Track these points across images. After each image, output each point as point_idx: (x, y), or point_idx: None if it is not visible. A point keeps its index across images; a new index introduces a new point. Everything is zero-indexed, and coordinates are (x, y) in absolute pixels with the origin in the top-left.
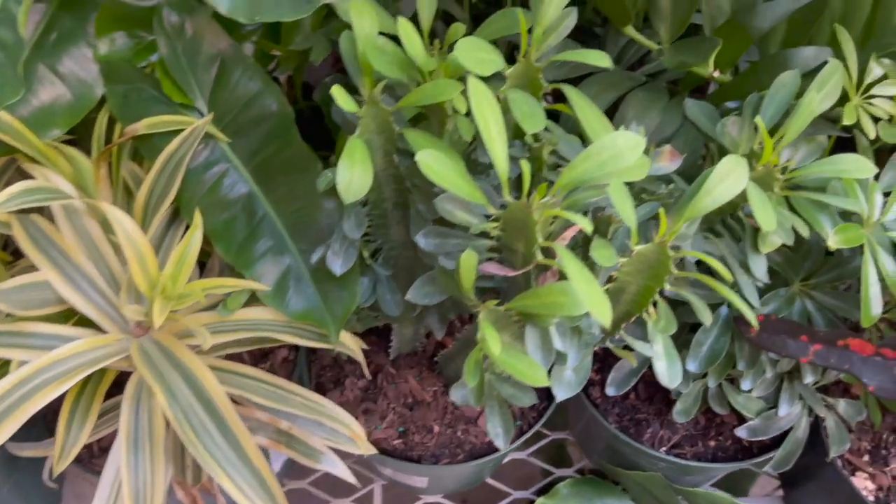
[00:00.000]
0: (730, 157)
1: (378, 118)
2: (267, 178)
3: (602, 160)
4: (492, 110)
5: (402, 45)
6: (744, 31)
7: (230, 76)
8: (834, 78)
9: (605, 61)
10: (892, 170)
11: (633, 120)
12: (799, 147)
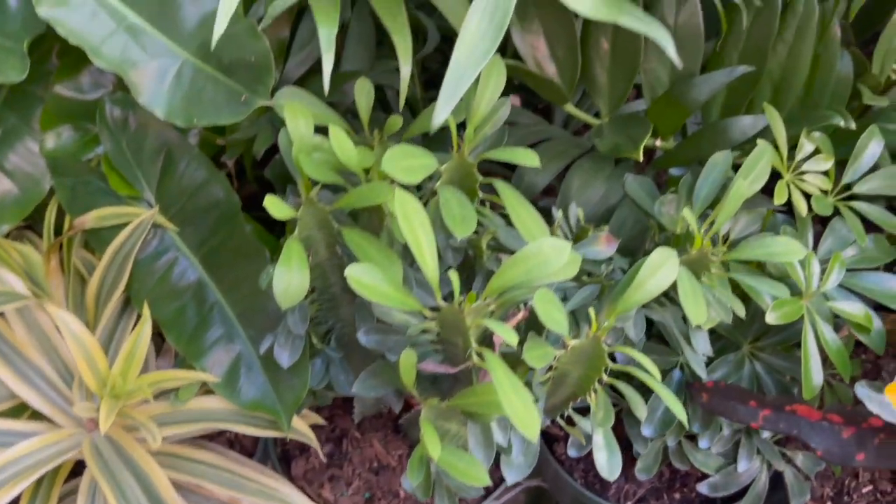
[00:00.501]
0: (660, 249)
1: (317, 216)
2: (216, 266)
3: (529, 267)
4: (420, 221)
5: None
6: (682, 104)
7: (176, 166)
8: (763, 160)
9: (533, 161)
10: (831, 235)
11: (578, 189)
12: (738, 218)
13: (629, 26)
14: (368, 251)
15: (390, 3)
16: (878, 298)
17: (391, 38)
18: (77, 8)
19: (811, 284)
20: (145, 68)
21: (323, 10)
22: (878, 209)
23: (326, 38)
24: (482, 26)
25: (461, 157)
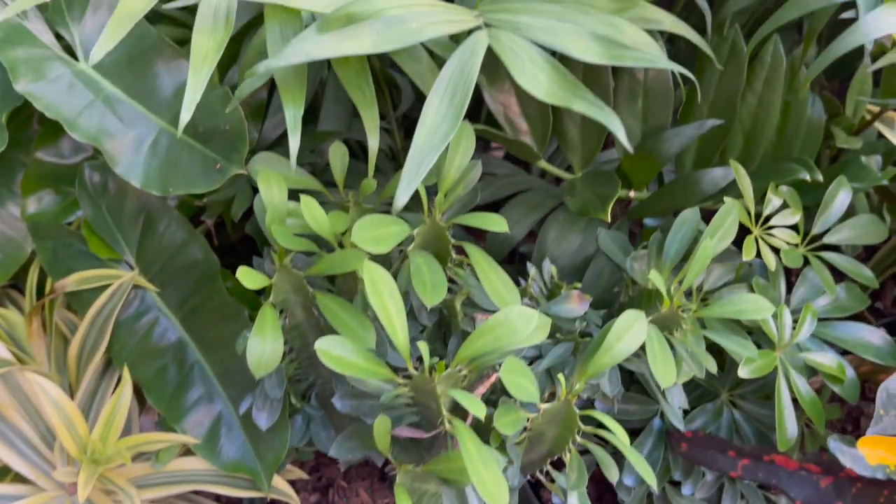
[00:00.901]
0: (628, 312)
1: (292, 280)
2: (196, 326)
3: (497, 335)
4: (389, 291)
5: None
6: (653, 157)
7: (156, 228)
8: (730, 218)
9: (502, 227)
10: (804, 284)
11: (555, 240)
12: (712, 269)
13: (582, 112)
14: (342, 317)
15: (358, 78)
16: (850, 348)
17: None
18: (54, 81)
19: (783, 336)
20: (122, 138)
21: (289, 91)
22: (848, 259)
23: (293, 118)
24: (442, 109)
25: (433, 222)
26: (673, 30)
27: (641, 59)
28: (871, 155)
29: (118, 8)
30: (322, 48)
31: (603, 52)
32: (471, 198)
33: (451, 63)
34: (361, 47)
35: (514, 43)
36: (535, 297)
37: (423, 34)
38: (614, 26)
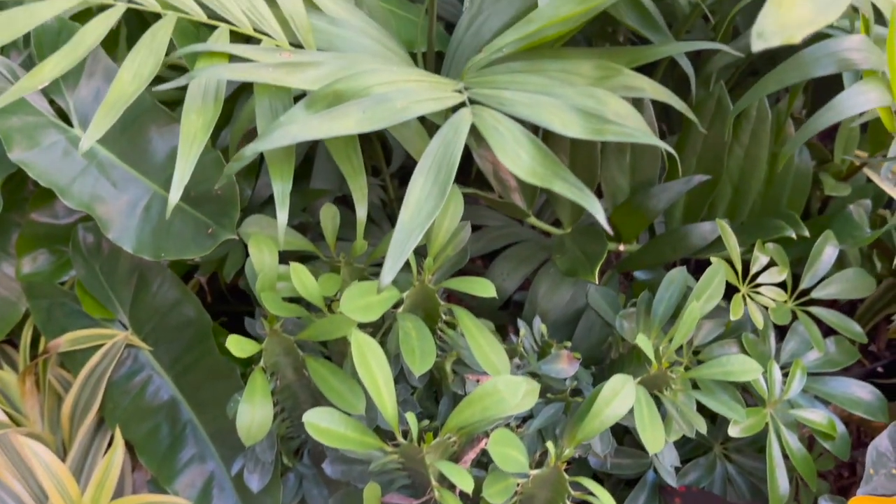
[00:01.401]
0: (617, 377)
1: (283, 344)
2: (189, 385)
3: (485, 405)
4: (377, 361)
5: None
6: (641, 212)
7: (149, 287)
8: (716, 279)
9: (489, 292)
10: (794, 338)
11: (546, 294)
12: (702, 325)
13: (562, 193)
14: (331, 382)
15: (346, 148)
16: (840, 404)
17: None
18: (49, 149)
19: (773, 393)
20: (115, 203)
21: (278, 167)
22: (836, 315)
23: (280, 193)
24: (427, 187)
25: (422, 285)
26: (655, 97)
27: (622, 134)
28: (861, 200)
29: (109, 93)
30: (309, 130)
31: (585, 127)
32: (460, 258)
33: (436, 141)
34: (347, 128)
35: (496, 121)
36: (525, 357)
37: (409, 113)
38: (597, 98)
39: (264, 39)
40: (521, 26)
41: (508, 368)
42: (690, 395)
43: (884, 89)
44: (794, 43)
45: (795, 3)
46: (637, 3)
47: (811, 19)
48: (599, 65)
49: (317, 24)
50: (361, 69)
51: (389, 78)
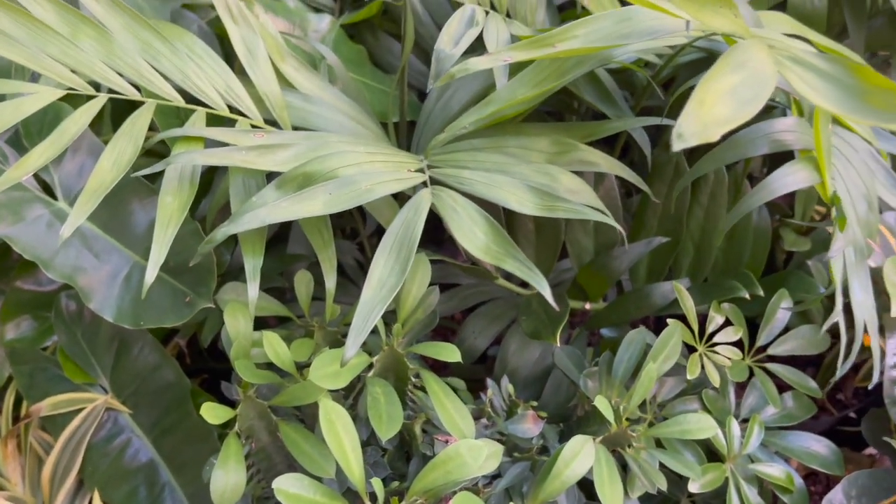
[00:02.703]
0: (576, 438)
1: (256, 409)
2: (168, 447)
3: (448, 469)
4: (344, 426)
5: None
6: (605, 273)
7: (130, 352)
8: (672, 340)
9: (454, 356)
10: (753, 392)
11: (516, 351)
12: (664, 381)
13: (512, 271)
14: (303, 447)
15: (317, 221)
16: (797, 458)
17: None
18: (33, 222)
19: (732, 448)
20: (96, 273)
21: (249, 243)
22: (792, 371)
23: (252, 268)
24: (389, 264)
25: (391, 349)
26: (608, 171)
27: (572, 211)
28: (821, 255)
29: (90, 181)
30: (278, 212)
31: (538, 204)
32: (430, 320)
33: (398, 221)
34: (315, 209)
35: (454, 201)
36: (493, 417)
37: (372, 194)
38: (550, 175)
39: (240, 120)
40: (480, 108)
41: (473, 431)
42: (652, 452)
43: (812, 169)
44: (711, 142)
45: (717, 101)
46: (594, 79)
47: (731, 117)
48: (556, 140)
49: (291, 101)
50: (329, 151)
51: (355, 160)
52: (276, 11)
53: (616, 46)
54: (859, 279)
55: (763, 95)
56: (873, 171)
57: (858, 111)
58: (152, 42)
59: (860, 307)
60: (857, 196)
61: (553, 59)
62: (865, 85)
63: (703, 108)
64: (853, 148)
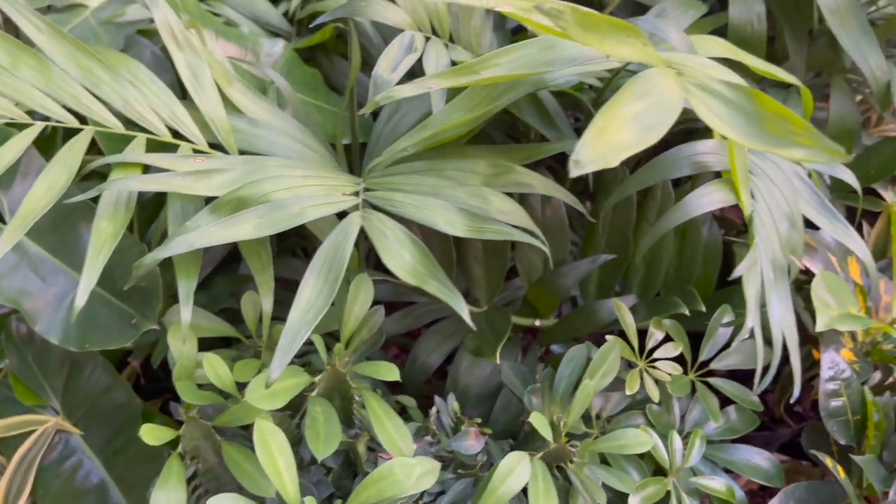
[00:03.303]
0: (512, 455)
1: (201, 429)
2: (119, 468)
3: (381, 488)
4: (279, 447)
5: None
6: (553, 290)
7: (81, 373)
8: (611, 356)
9: (393, 375)
10: (696, 408)
11: (467, 368)
12: (610, 396)
13: (433, 293)
14: (244, 466)
15: (257, 244)
16: (738, 471)
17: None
18: None
19: (674, 461)
20: (42, 297)
21: (183, 267)
22: (733, 385)
23: (185, 292)
24: (318, 286)
25: (334, 369)
26: (543, 192)
27: (500, 233)
28: None
29: (21, 207)
30: (207, 237)
31: (467, 226)
32: (377, 339)
33: (327, 244)
34: (245, 233)
35: (383, 224)
36: (437, 434)
37: (303, 217)
38: (483, 198)
39: (182, 145)
40: (416, 132)
41: (411, 449)
42: (591, 467)
43: (729, 190)
44: (611, 167)
45: (620, 128)
46: (536, 102)
47: (633, 143)
48: (493, 163)
49: (237, 125)
50: (264, 175)
51: (290, 184)
52: (228, 37)
53: (538, 73)
54: (778, 296)
55: (667, 122)
56: (798, 191)
57: (755, 137)
58: (94, 70)
59: (778, 323)
60: (779, 215)
61: (485, 86)
62: (764, 111)
63: (603, 135)
64: (779, 168)
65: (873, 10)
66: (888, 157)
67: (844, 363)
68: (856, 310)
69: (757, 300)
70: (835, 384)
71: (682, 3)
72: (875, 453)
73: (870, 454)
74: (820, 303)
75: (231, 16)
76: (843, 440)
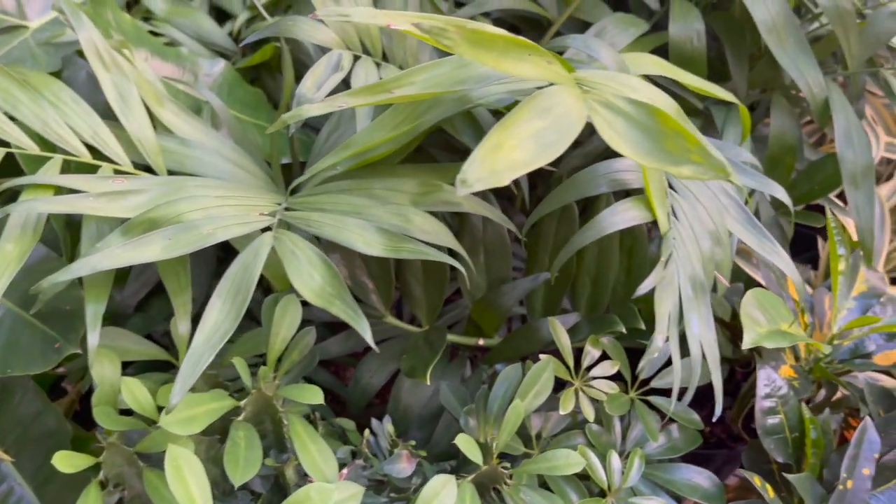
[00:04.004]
0: (438, 477)
1: (123, 455)
2: (50, 495)
3: None
4: (193, 473)
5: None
6: (496, 308)
7: (12, 398)
8: (544, 375)
9: (318, 399)
10: (637, 426)
11: (409, 388)
12: (550, 416)
13: (338, 314)
14: (163, 493)
15: (176, 265)
16: (678, 490)
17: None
18: None
19: (613, 482)
20: None
21: (93, 289)
22: (676, 403)
23: (93, 314)
24: (225, 308)
25: (260, 392)
26: (471, 210)
27: (416, 252)
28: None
29: None
30: (112, 259)
31: (385, 245)
32: (309, 361)
33: (235, 265)
34: (152, 255)
35: (294, 245)
36: (370, 458)
37: (213, 238)
38: (404, 217)
39: (104, 165)
40: (339, 151)
41: (335, 474)
42: (526, 490)
43: (644, 207)
44: (501, 186)
45: (517, 146)
46: (472, 120)
47: (529, 161)
48: (423, 182)
49: (167, 146)
50: (181, 196)
51: (205, 203)
52: (164, 57)
53: (451, 92)
54: (698, 313)
55: (567, 140)
56: (726, 207)
57: (653, 155)
58: (12, 91)
59: (697, 339)
60: (702, 232)
61: (409, 104)
62: (664, 129)
63: (498, 152)
64: (705, 185)
65: (816, 26)
66: (831, 172)
67: (781, 380)
68: (788, 326)
69: (666, 317)
70: (771, 401)
71: (621, 22)
72: (814, 471)
73: (808, 472)
74: (748, 320)
75: (176, 36)
76: (780, 458)
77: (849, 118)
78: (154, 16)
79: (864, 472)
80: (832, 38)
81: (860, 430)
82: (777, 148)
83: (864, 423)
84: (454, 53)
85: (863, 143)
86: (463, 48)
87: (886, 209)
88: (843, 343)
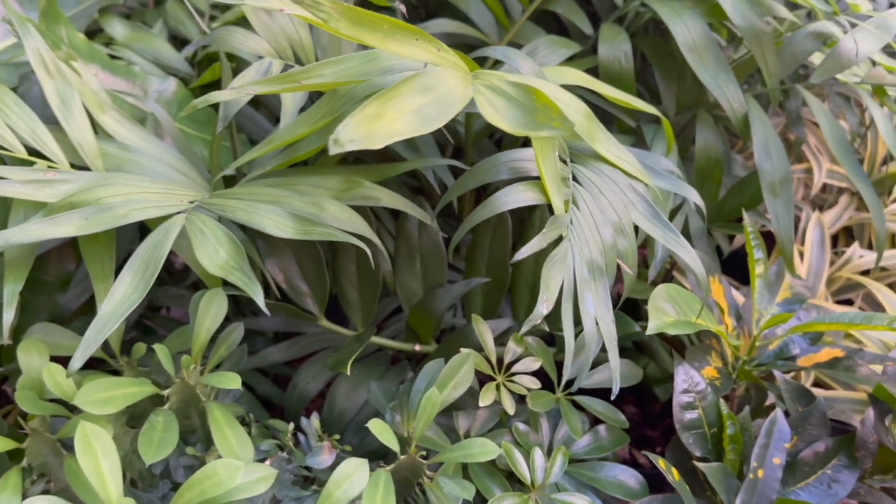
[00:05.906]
0: (350, 460)
1: (46, 443)
2: None
3: (203, 489)
4: (104, 451)
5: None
6: (431, 313)
7: None
8: (463, 368)
9: (235, 384)
10: (564, 426)
11: (346, 393)
12: (478, 415)
13: (235, 282)
14: (83, 479)
15: (102, 254)
16: (602, 488)
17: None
18: None
19: (536, 478)
20: None
21: (13, 268)
22: (602, 404)
23: (10, 293)
24: (134, 282)
25: (183, 382)
26: (390, 205)
27: (325, 234)
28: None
29: None
30: (24, 234)
31: (296, 229)
32: (238, 356)
33: (146, 242)
34: (67, 232)
35: (203, 224)
36: (293, 451)
37: (128, 218)
38: (318, 205)
39: (38, 162)
40: (261, 146)
41: (251, 457)
42: (445, 480)
43: (537, 191)
44: (373, 149)
45: (398, 118)
46: None
47: (408, 131)
48: (346, 179)
49: (106, 149)
50: (103, 184)
51: (124, 190)
52: (115, 72)
53: (359, 83)
54: (594, 293)
55: (448, 114)
56: (633, 202)
57: (525, 125)
58: None
59: (591, 316)
60: (603, 222)
61: (329, 99)
62: (536, 104)
63: (377, 121)
64: (612, 181)
65: (745, 53)
66: (758, 187)
67: (700, 377)
68: (696, 318)
69: (553, 290)
70: (688, 396)
71: (553, 43)
72: (734, 467)
73: (723, 464)
74: (656, 310)
75: (134, 59)
76: (698, 452)
77: (767, 131)
78: (115, 41)
79: (775, 461)
80: (751, 61)
81: (770, 420)
82: (704, 161)
83: (775, 413)
84: (331, 31)
85: (780, 154)
86: (341, 24)
87: (827, 233)
88: (770, 347)
